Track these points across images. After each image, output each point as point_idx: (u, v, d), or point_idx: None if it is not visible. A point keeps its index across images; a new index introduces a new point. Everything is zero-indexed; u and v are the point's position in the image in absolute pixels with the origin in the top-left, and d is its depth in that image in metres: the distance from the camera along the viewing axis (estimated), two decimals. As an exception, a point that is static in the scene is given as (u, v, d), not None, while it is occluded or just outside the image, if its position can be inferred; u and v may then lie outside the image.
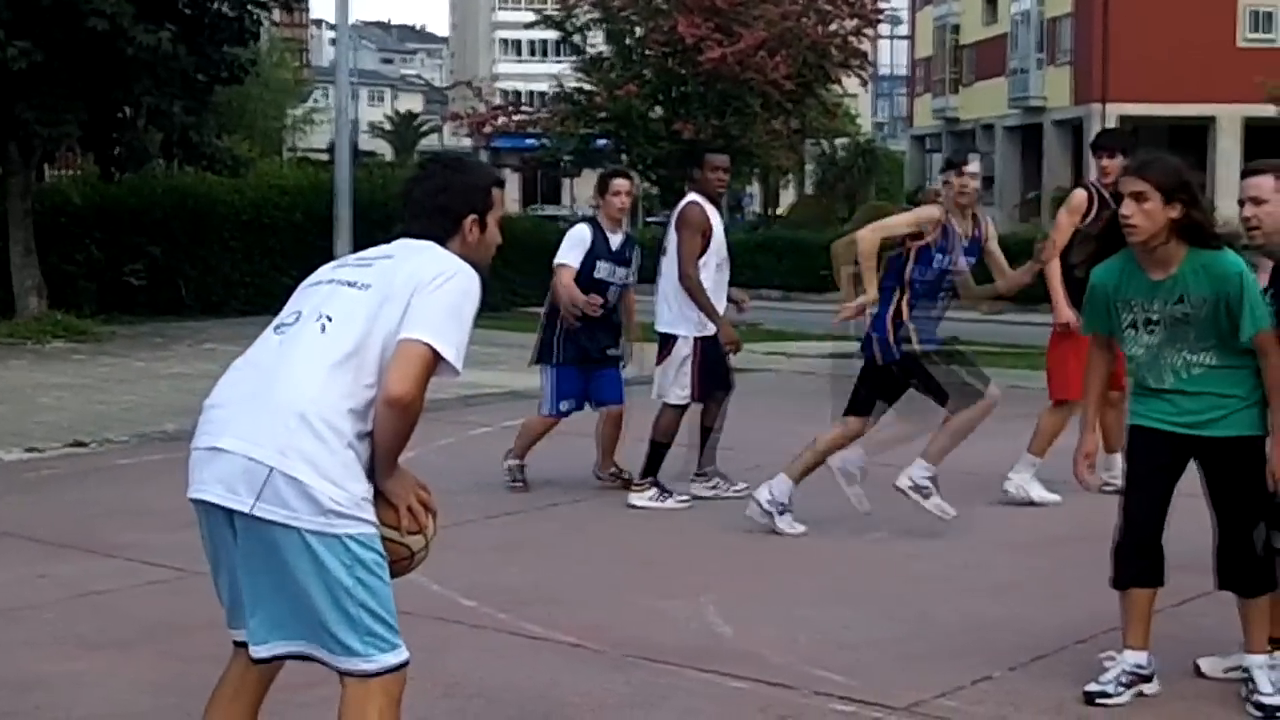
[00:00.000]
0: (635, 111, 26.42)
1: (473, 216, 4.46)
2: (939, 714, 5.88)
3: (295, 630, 4.18)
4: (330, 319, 4.22)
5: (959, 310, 10.07)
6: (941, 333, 9.63)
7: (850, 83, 31.25)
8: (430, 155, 6.86)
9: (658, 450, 9.98)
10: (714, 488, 10.26)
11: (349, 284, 4.30)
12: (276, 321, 4.38)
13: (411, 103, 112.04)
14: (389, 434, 4.17)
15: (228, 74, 21.93)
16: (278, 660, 4.30)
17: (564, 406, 10.34)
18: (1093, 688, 5.99)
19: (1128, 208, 5.77)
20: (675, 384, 9.98)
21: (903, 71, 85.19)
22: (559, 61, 36.07)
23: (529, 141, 32.40)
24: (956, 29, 66.57)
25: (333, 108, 24.11)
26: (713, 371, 10.05)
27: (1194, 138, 48.86)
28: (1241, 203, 5.92)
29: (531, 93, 42.71)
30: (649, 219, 66.96)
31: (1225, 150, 48.86)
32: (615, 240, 10.32)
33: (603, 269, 10.16)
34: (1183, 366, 5.90)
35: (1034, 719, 5.87)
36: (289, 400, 4.11)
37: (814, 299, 47.37)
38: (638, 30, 26.80)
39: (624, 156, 27.89)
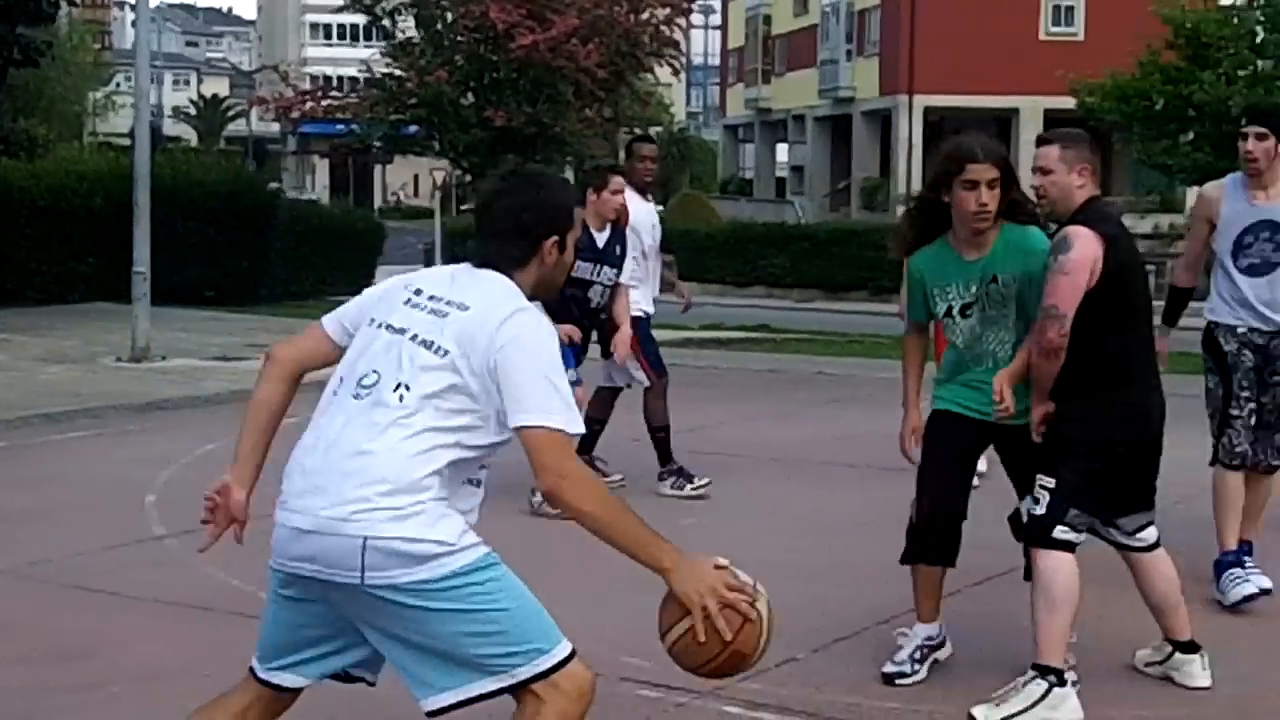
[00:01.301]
0: (446, 98, 26.20)
1: (554, 238, 4.19)
2: (744, 697, 5.87)
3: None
4: (408, 388, 3.96)
5: (775, 299, 10.10)
6: (748, 319, 9.64)
7: (663, 72, 31.30)
8: (512, 168, 6.44)
9: (658, 437, 9.92)
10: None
11: (426, 344, 4.00)
12: (354, 374, 4.08)
13: (218, 87, 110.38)
14: (593, 526, 3.93)
15: (21, 55, 21.32)
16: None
17: None
18: (890, 669, 6.08)
19: (986, 195, 5.82)
20: (636, 368, 9.93)
21: (715, 61, 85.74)
22: (369, 46, 35.75)
23: (338, 127, 32.00)
24: (768, 20, 67.11)
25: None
26: (652, 348, 10.06)
27: (998, 129, 49.78)
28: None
29: (341, 78, 42.16)
30: (462, 208, 66.75)
31: (1028, 142, 49.61)
32: (601, 238, 9.66)
33: (583, 268, 9.38)
34: (999, 347, 5.97)
35: (837, 698, 5.91)
36: (370, 473, 3.91)
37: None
38: (448, 15, 26.59)
39: (435, 143, 27.70)
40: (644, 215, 10.15)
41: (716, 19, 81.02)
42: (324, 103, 29.29)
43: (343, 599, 3.99)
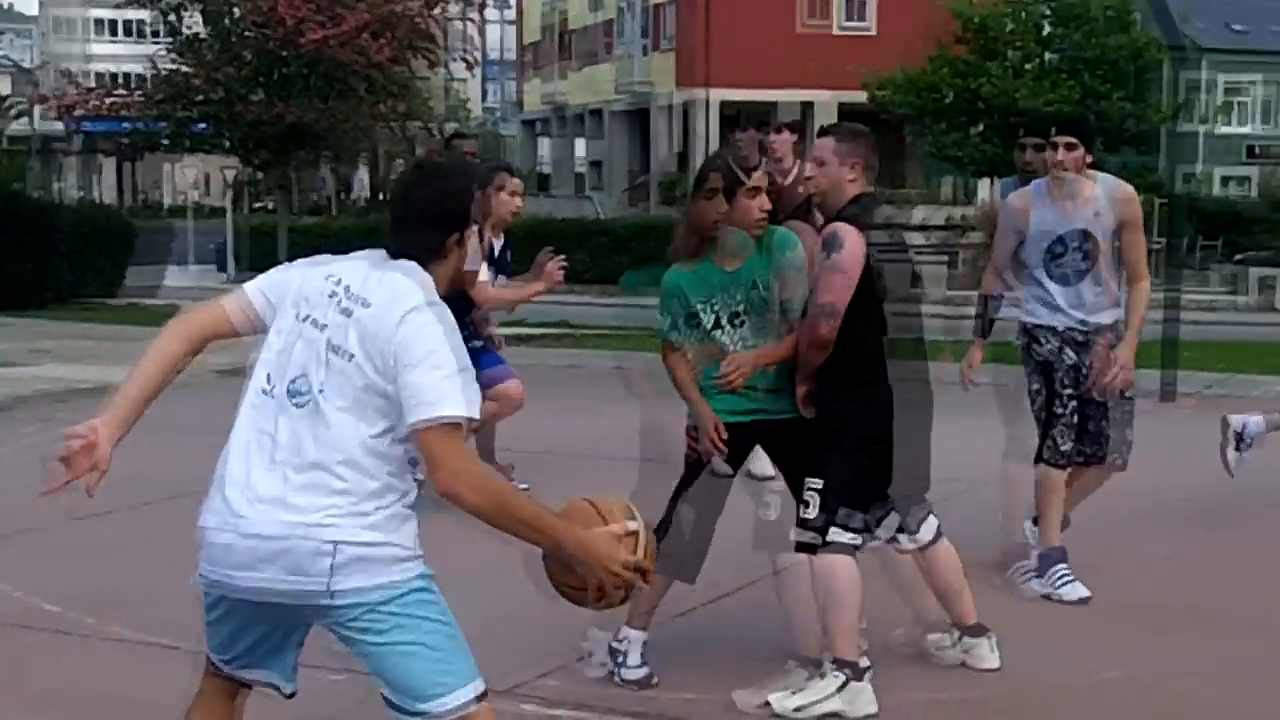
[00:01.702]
0: (235, 94, 25.75)
1: (470, 229, 4.07)
2: (540, 694, 5.85)
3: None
4: (336, 395, 3.86)
5: (576, 295, 10.07)
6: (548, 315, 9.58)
7: (458, 67, 31.12)
8: (421, 160, 6.14)
9: None
10: None
11: (335, 349, 3.89)
12: (284, 376, 3.94)
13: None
14: (490, 518, 3.87)
15: None
16: None
17: None
18: (632, 675, 6.01)
19: (765, 201, 5.84)
20: None
21: (512, 56, 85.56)
22: (155, 43, 35.02)
23: (124, 125, 31.30)
24: (564, 14, 67.16)
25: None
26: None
27: (795, 122, 50.24)
28: None
29: (127, 74, 41.33)
30: (255, 205, 65.75)
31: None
32: (497, 245, 9.39)
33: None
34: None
35: (633, 691, 5.91)
36: (329, 484, 3.84)
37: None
38: (235, 11, 26.10)
39: (225, 141, 27.23)
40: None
41: (512, 13, 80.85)
42: (109, 101, 28.60)
43: (282, 612, 3.95)
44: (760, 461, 6.36)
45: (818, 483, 5.76)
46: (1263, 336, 26.02)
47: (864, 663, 5.72)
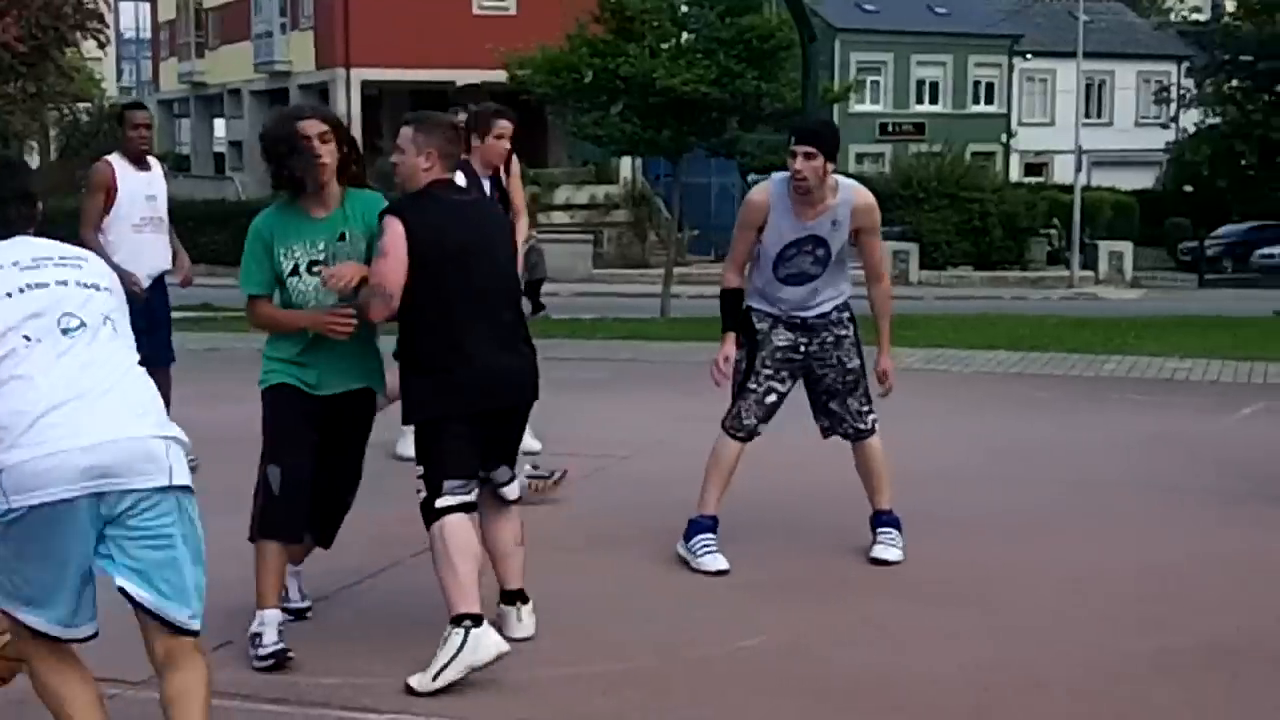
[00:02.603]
0: None
1: None
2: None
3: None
4: (109, 320, 4.55)
5: (218, 277, 9.84)
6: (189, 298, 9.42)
7: (91, 45, 30.13)
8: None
9: None
10: None
11: (86, 285, 4.58)
12: (48, 326, 4.42)
13: None
14: None
15: None
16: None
17: None
18: (266, 654, 6.00)
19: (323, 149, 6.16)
20: None
21: (148, 35, 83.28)
22: None
23: None
24: (200, -9, 65.62)
25: None
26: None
27: (437, 101, 50.05)
28: None
29: None
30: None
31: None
32: (487, 185, 9.05)
33: None
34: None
35: (275, 677, 5.83)
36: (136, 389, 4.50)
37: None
38: None
39: None
40: (141, 184, 9.80)
41: (146, -10, 78.69)
42: None
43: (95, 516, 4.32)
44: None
45: (419, 470, 6.04)
46: (898, 310, 27.01)
47: (477, 610, 5.79)
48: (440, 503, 5.94)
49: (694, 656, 6.18)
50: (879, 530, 7.75)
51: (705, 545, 7.54)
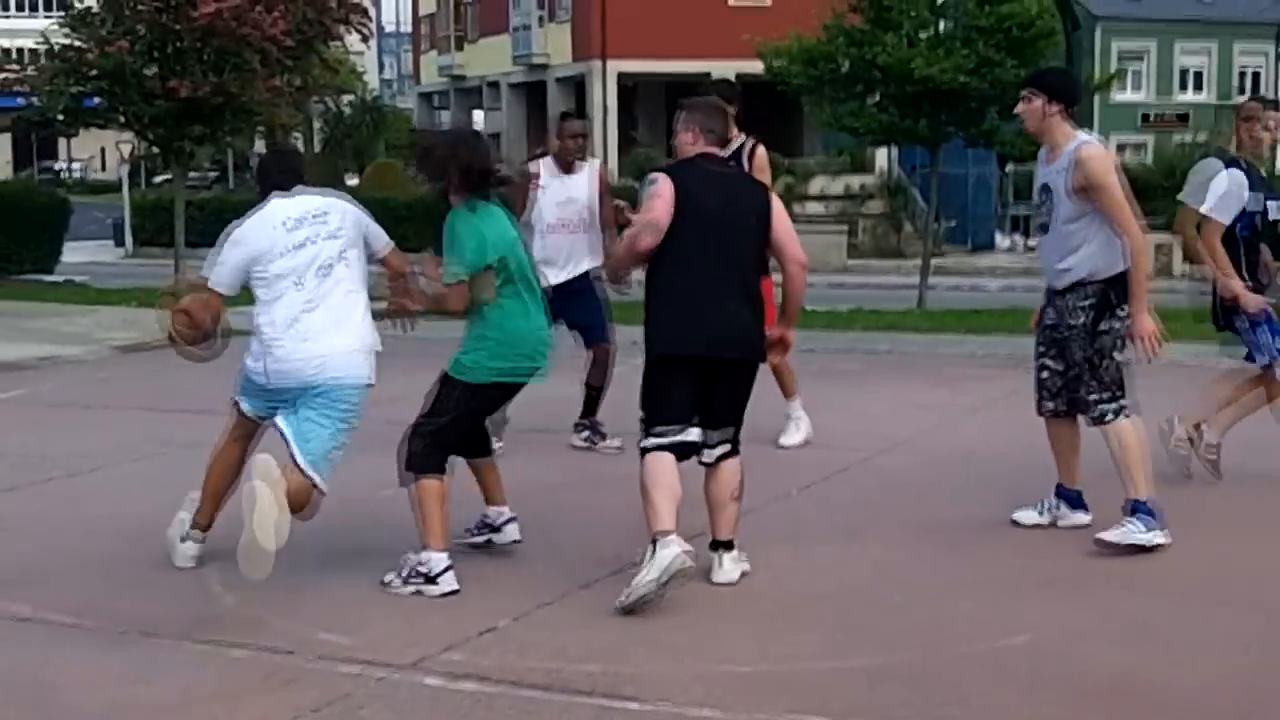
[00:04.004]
0: (128, 69, 25.36)
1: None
2: (444, 669, 5.84)
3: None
4: (344, 257, 7.16)
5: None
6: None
7: (354, 39, 30.83)
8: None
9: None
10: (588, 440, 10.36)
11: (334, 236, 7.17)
12: (312, 265, 7.05)
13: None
14: None
15: None
16: None
17: None
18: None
19: None
20: None
21: (408, 28, 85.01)
22: (48, 16, 34.37)
23: (19, 100, 30.80)
24: (459, -14, 66.74)
25: None
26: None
27: (691, 92, 50.21)
28: None
29: (21, 49, 40.65)
30: (155, 179, 64.90)
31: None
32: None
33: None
34: None
35: (538, 664, 5.90)
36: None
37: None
38: (128, -16, 25.76)
39: (119, 116, 26.82)
40: (560, 190, 10.17)
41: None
42: (1, 76, 28.14)
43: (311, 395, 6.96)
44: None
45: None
46: (1161, 303, 26.39)
47: (667, 528, 6.52)
48: (646, 443, 6.75)
49: (956, 653, 6.12)
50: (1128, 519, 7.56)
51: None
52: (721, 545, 6.96)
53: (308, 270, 6.98)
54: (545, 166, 10.24)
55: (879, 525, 8.16)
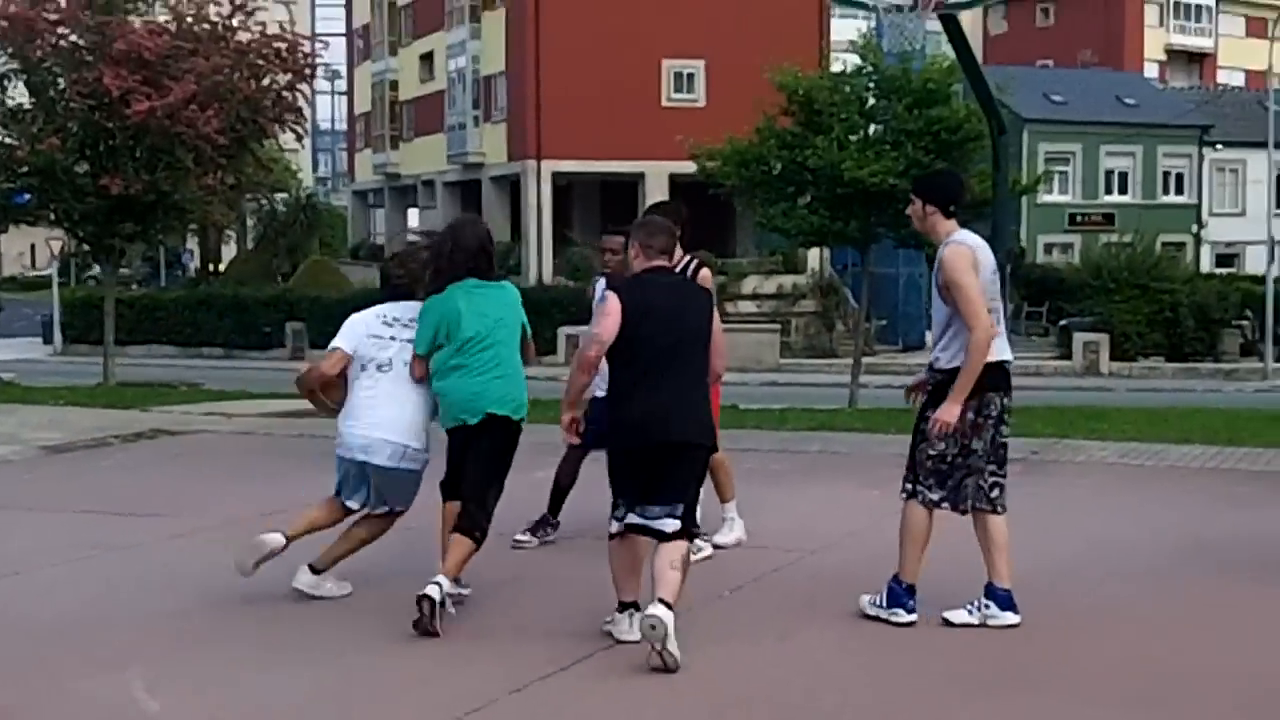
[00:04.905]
0: (59, 166, 25.34)
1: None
2: None
3: None
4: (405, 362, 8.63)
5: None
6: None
7: (288, 137, 30.90)
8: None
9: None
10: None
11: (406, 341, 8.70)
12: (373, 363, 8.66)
13: None
14: None
15: None
16: None
17: None
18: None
19: None
20: None
21: (343, 126, 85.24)
22: (-22, 113, 34.37)
23: (-53, 196, 30.69)
24: (395, 85, 67.04)
25: None
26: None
27: (626, 192, 50.64)
28: None
29: (-51, 146, 40.58)
30: (84, 277, 64.54)
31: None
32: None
33: None
34: None
35: None
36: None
37: (256, 356, 46.98)
38: (60, 82, 25.74)
39: (50, 212, 26.79)
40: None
41: (343, 84, 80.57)
42: (-71, 172, 28.02)
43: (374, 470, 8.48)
44: None
45: None
46: (1089, 401, 26.60)
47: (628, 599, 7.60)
48: (612, 528, 7.64)
49: None
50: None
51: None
52: (661, 602, 7.20)
53: (378, 359, 8.72)
54: (599, 282, 10.17)
55: (812, 626, 8.15)
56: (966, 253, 7.90)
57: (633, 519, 7.55)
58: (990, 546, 8.06)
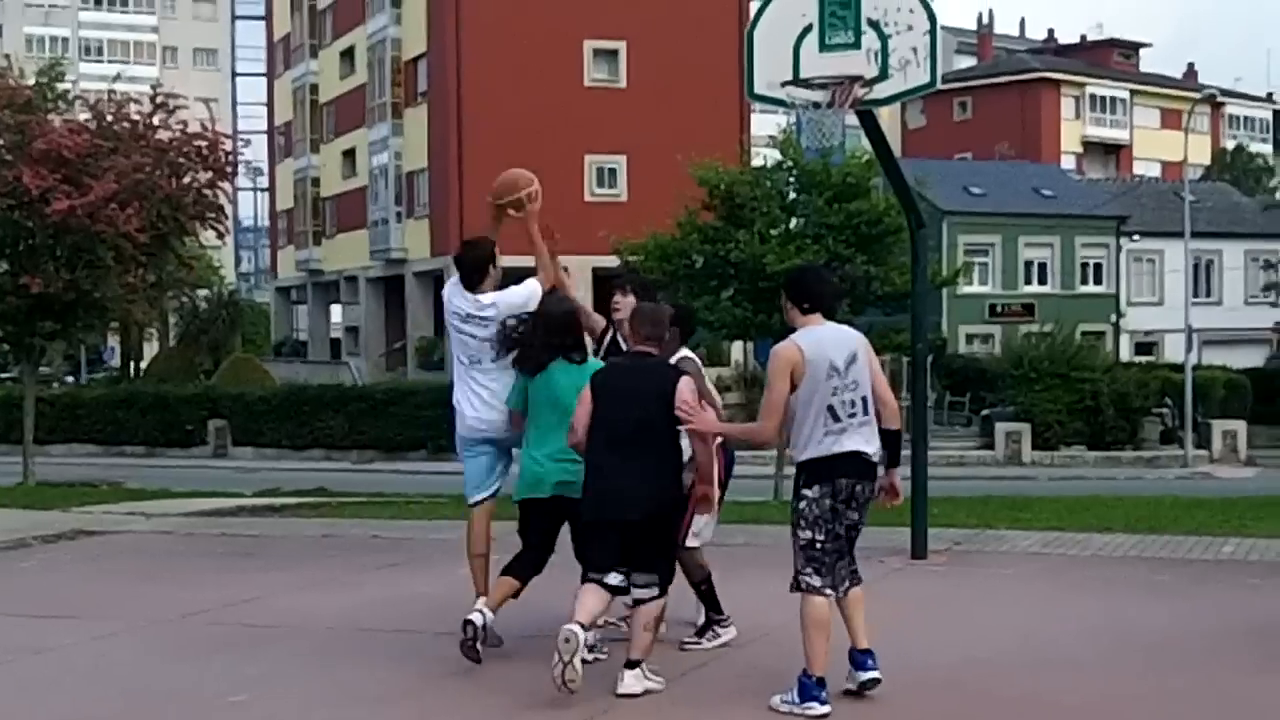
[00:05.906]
0: (-24, 265, 25.22)
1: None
2: None
3: None
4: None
5: (333, 461, 9.94)
6: (305, 483, 9.62)
7: (211, 234, 30.82)
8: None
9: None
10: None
11: None
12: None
13: None
14: None
15: None
16: None
17: None
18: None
19: None
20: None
21: (266, 223, 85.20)
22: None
23: None
24: (316, 181, 67.12)
25: None
26: None
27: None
28: None
29: None
30: (5, 375, 63.93)
31: (581, 297, 50.87)
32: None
33: None
34: None
35: None
36: None
37: (178, 454, 46.61)
38: (-22, 182, 25.64)
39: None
40: None
41: (265, 181, 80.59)
42: None
43: None
44: None
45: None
46: (1012, 490, 26.74)
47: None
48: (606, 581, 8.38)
49: None
50: None
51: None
52: (627, 664, 8.24)
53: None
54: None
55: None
56: (789, 354, 8.10)
57: (600, 580, 8.34)
58: (854, 614, 8.36)
